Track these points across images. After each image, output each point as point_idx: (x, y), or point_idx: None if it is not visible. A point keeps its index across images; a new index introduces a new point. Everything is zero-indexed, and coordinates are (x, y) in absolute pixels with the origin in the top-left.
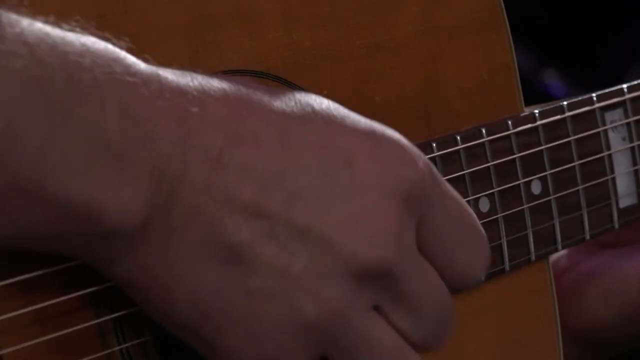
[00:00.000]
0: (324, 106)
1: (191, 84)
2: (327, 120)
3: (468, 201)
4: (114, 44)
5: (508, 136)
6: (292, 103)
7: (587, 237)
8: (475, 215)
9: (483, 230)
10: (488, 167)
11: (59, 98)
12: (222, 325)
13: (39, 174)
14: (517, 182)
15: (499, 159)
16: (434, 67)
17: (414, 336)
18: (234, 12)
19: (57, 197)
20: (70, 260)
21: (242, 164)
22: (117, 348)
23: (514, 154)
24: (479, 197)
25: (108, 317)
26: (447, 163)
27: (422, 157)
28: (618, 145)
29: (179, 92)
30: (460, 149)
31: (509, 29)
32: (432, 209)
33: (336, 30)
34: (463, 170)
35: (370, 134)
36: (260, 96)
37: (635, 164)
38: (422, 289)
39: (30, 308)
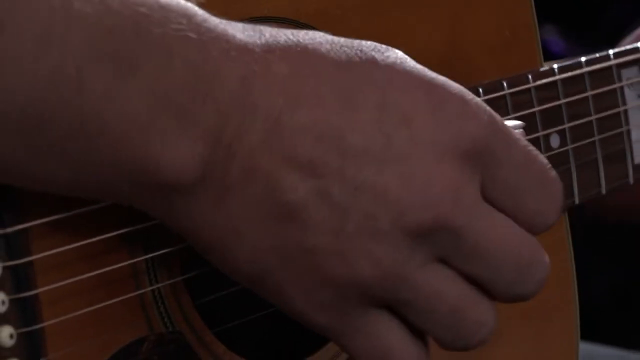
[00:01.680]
0: (389, 61)
1: (258, 41)
2: (389, 77)
3: None
4: None
5: (528, 89)
6: (357, 59)
7: (603, 191)
8: (545, 160)
9: (554, 174)
10: (509, 119)
11: (126, 49)
12: (280, 279)
13: (101, 121)
14: (536, 135)
15: (519, 112)
16: (458, 23)
17: (495, 286)
18: None
19: (116, 146)
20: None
21: (301, 125)
22: (150, 288)
23: (534, 107)
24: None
25: (141, 258)
26: None
27: (486, 110)
28: (634, 101)
29: (245, 51)
30: (482, 100)
31: None
32: (497, 159)
33: None
34: None
35: (432, 89)
36: (325, 52)
37: None
38: (492, 238)
39: (64, 248)
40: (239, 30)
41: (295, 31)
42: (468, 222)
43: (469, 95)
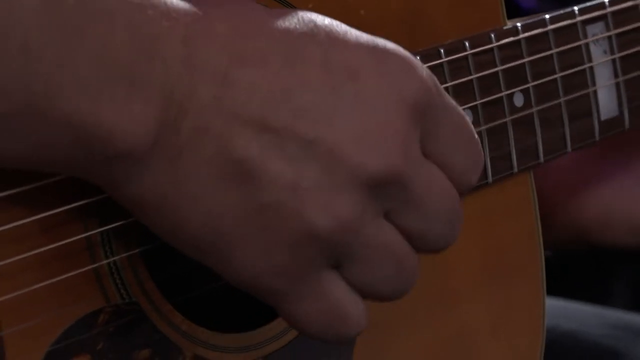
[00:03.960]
0: (326, 22)
1: (196, 5)
2: (330, 35)
3: None
4: None
5: (491, 49)
6: (295, 20)
7: (569, 149)
8: (471, 126)
9: (478, 138)
10: (471, 79)
11: (70, 18)
12: (234, 240)
13: (51, 93)
14: (499, 95)
15: (481, 72)
16: None
17: (426, 238)
18: None
19: (68, 117)
20: (58, 174)
21: (249, 82)
22: (105, 262)
23: (497, 66)
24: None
25: (96, 231)
26: None
27: (424, 69)
28: (599, 58)
29: (185, 13)
30: (443, 62)
31: None
32: (435, 116)
33: None
34: (446, 82)
35: (373, 48)
36: (262, 15)
37: (616, 76)
38: (432, 191)
39: (18, 222)
40: None
41: None
42: (415, 174)
43: (408, 53)
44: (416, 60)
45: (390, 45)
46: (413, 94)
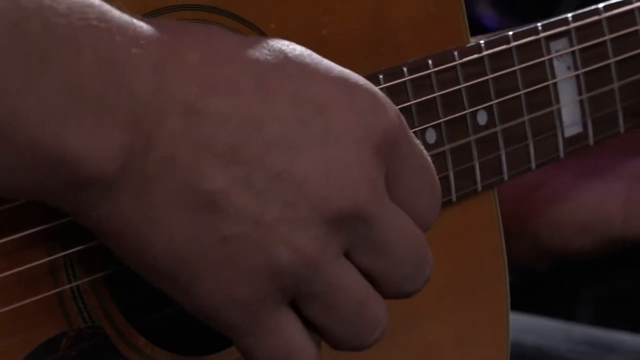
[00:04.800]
0: (296, 53)
1: (165, 31)
2: (301, 67)
3: (415, 132)
4: None
5: (454, 67)
6: (265, 50)
7: (533, 166)
8: (433, 167)
9: (438, 181)
10: (434, 97)
11: (35, 43)
12: (197, 271)
13: (17, 119)
14: (463, 113)
15: (445, 90)
16: (383, 1)
17: (389, 281)
18: None
19: (35, 143)
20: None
21: (218, 112)
22: (68, 286)
23: (460, 84)
24: (425, 128)
25: (59, 255)
26: (393, 94)
27: (393, 107)
28: (563, 74)
29: (154, 40)
30: (406, 80)
31: None
32: (400, 156)
33: None
34: (410, 101)
35: (344, 82)
36: (233, 44)
37: (580, 93)
38: (396, 232)
39: None
40: (143, 21)
41: (199, 25)
42: (380, 213)
43: (378, 90)
44: (385, 98)
45: (361, 80)
46: (381, 131)
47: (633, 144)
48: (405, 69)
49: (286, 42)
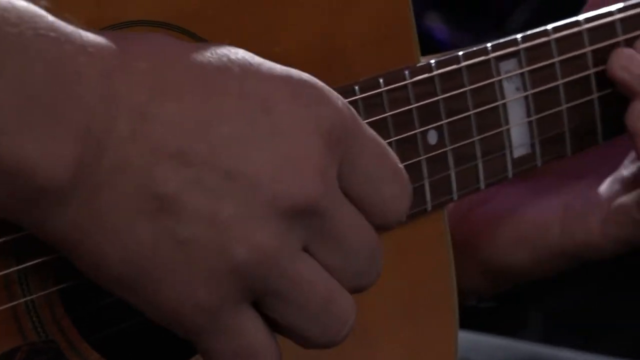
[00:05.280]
0: (239, 55)
1: (113, 39)
2: (244, 68)
3: None
4: (34, 2)
5: (405, 86)
6: (209, 54)
7: (482, 186)
8: (395, 154)
9: (403, 168)
10: (385, 117)
11: None
12: (154, 276)
13: None
14: (413, 132)
15: (396, 109)
16: (334, 18)
17: (344, 275)
18: None
19: None
20: None
21: (167, 116)
22: (22, 300)
23: (411, 104)
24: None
25: (13, 269)
26: None
27: (340, 98)
28: (512, 95)
29: (102, 48)
30: (358, 98)
31: None
32: (354, 147)
33: None
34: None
35: (287, 78)
36: (178, 48)
37: (529, 114)
38: (348, 226)
39: None
40: (90, 31)
41: (145, 32)
42: (333, 207)
43: (322, 83)
44: (331, 90)
45: (304, 75)
46: (329, 122)
47: (574, 161)
48: (356, 88)
49: (228, 46)
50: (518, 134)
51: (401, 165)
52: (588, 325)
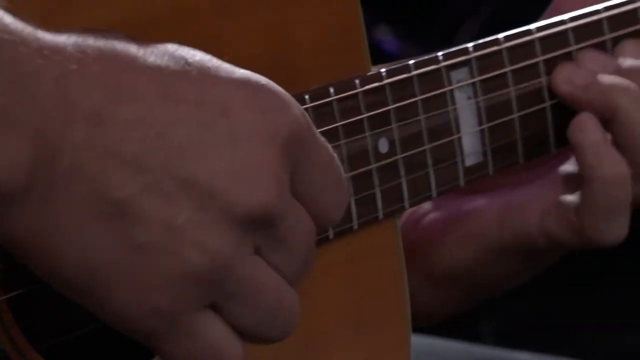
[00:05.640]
0: (197, 58)
1: (68, 42)
2: (202, 71)
3: None
4: None
5: (355, 95)
6: (167, 57)
7: (434, 194)
8: (339, 164)
9: (344, 178)
10: (336, 126)
11: None
12: (110, 282)
13: None
14: (364, 141)
15: (347, 118)
16: (284, 27)
17: (289, 272)
18: None
19: None
20: None
21: (123, 120)
22: None
23: (362, 113)
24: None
25: None
26: None
27: (297, 105)
28: (464, 104)
29: (57, 50)
30: (309, 107)
31: None
32: (306, 154)
33: None
34: None
35: (245, 83)
36: (135, 51)
37: (480, 122)
38: (297, 229)
39: None
40: (46, 32)
41: (102, 33)
42: (285, 213)
43: (280, 88)
44: (289, 96)
45: (263, 80)
46: (286, 129)
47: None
48: (307, 97)
49: (186, 49)
50: (469, 143)
51: (343, 173)
52: (543, 330)
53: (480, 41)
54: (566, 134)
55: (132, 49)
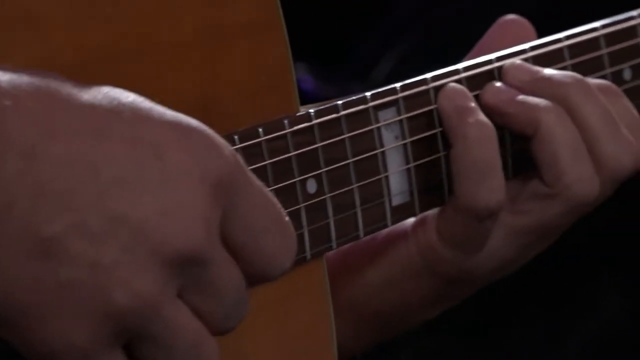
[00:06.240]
0: (130, 99)
1: (2, 78)
2: (135, 111)
3: None
4: None
5: (284, 135)
6: (100, 97)
7: (361, 234)
8: (280, 205)
9: (288, 218)
10: (265, 166)
11: None
12: (35, 317)
13: None
14: (293, 181)
15: (275, 158)
16: (213, 68)
17: (213, 320)
18: (18, 15)
19: None
20: None
21: (55, 157)
22: None
23: (290, 152)
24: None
25: None
26: None
27: (228, 147)
28: (391, 143)
29: None
30: (238, 148)
31: (285, 28)
32: (238, 197)
33: (118, 32)
34: None
35: (177, 125)
36: (70, 90)
37: (407, 162)
38: (223, 276)
39: None
40: None
41: (36, 70)
42: (212, 257)
43: (211, 131)
44: (220, 138)
45: (193, 122)
46: (216, 171)
47: None
48: (236, 137)
49: (119, 90)
50: (397, 182)
51: (286, 217)
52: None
53: (408, 81)
54: None
55: (67, 86)
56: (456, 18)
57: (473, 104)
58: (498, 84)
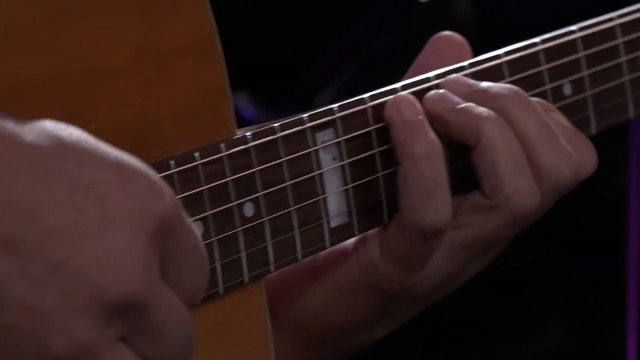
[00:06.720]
0: (73, 138)
1: None
2: (77, 153)
3: None
4: None
5: (221, 159)
6: (43, 137)
7: (300, 257)
8: (204, 246)
9: (207, 257)
10: (201, 190)
11: None
12: None
13: None
14: (230, 205)
15: (212, 183)
16: (149, 93)
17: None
18: None
19: None
20: None
21: None
22: None
23: (227, 176)
24: (192, 221)
25: None
26: None
27: (168, 190)
28: (329, 164)
29: None
30: (173, 173)
31: (222, 52)
32: (175, 239)
33: (54, 58)
34: (177, 194)
35: (120, 167)
36: (11, 129)
37: (345, 183)
38: (169, 317)
39: None
40: None
41: None
42: (153, 300)
43: (153, 174)
44: (161, 181)
45: (137, 165)
46: (157, 216)
47: None
48: (172, 162)
49: (62, 127)
50: (334, 204)
51: (206, 256)
52: None
53: (346, 101)
54: None
55: (9, 126)
56: (396, 45)
57: (421, 117)
58: (441, 90)
